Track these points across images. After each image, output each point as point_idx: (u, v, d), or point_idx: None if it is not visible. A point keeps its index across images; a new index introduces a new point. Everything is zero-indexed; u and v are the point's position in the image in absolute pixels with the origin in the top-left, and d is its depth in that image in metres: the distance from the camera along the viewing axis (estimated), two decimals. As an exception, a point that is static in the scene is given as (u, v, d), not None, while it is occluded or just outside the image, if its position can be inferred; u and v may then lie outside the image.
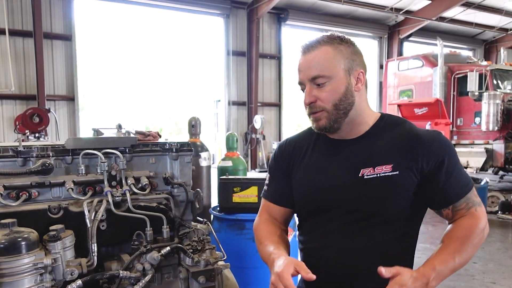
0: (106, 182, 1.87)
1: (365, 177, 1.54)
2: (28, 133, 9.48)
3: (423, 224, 6.00)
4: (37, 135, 9.53)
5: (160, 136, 2.28)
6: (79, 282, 1.57)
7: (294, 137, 1.80)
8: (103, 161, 1.86)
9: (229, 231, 3.50)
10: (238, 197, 3.54)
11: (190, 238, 2.02)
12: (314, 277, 1.35)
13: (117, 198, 1.84)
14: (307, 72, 1.54)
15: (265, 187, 1.80)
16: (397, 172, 1.50)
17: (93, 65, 11.54)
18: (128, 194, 1.86)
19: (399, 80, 12.61)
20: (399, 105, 11.06)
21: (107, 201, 1.81)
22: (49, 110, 10.11)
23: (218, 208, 3.75)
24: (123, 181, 1.91)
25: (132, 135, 2.07)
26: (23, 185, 1.76)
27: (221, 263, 2.14)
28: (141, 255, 1.77)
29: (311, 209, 1.67)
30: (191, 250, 1.91)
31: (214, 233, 2.11)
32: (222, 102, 13.33)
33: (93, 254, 1.72)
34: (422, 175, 1.51)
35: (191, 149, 2.12)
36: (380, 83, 15.47)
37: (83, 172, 1.87)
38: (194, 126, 4.60)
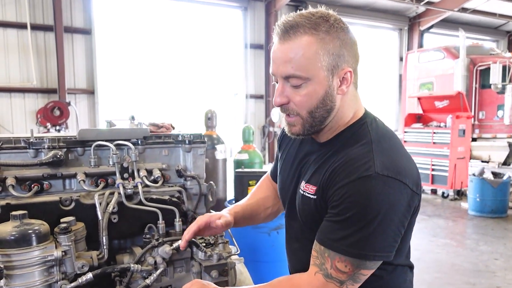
0: (118, 174, 1.85)
1: (299, 189, 1.44)
2: (50, 125, 9.64)
3: (443, 219, 5.92)
4: (57, 127, 9.69)
5: (173, 128, 2.25)
6: (90, 275, 1.55)
7: None
8: (115, 153, 1.83)
9: (244, 225, 3.48)
10: (254, 190, 3.52)
11: (203, 232, 1.99)
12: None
13: (129, 190, 1.81)
14: (281, 67, 1.29)
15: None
16: (315, 197, 1.35)
17: (113, 58, 11.59)
18: (140, 187, 1.83)
19: (419, 72, 12.40)
20: (419, 98, 10.87)
21: (119, 193, 1.79)
22: (69, 104, 10.25)
23: (234, 201, 3.73)
24: (135, 173, 1.89)
25: (144, 127, 2.05)
26: (34, 176, 1.75)
27: (235, 257, 2.11)
28: (152, 248, 1.75)
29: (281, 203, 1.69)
30: (204, 244, 1.88)
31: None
32: (240, 95, 13.30)
33: (104, 247, 1.70)
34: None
35: (204, 141, 2.08)
36: (400, 76, 15.23)
37: (95, 164, 1.85)
38: (210, 119, 4.58)
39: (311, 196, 1.36)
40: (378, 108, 15.65)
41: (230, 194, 4.34)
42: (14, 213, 1.50)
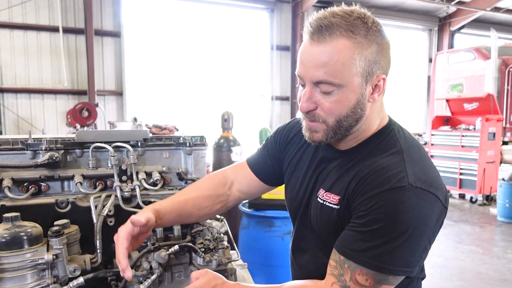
0: (116, 177, 1.83)
1: (317, 198, 1.35)
2: (78, 126, 9.86)
3: (470, 225, 5.71)
4: (85, 128, 9.90)
5: (177, 130, 2.22)
6: (81, 279, 1.52)
7: (299, 124, 1.55)
8: (112, 155, 1.81)
9: (257, 228, 3.43)
10: (267, 193, 3.45)
11: (204, 236, 1.96)
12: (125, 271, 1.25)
13: (126, 193, 1.79)
14: (312, 71, 1.18)
15: (253, 153, 1.69)
16: (339, 207, 1.27)
17: (141, 60, 11.74)
18: (137, 189, 1.81)
19: (449, 73, 12.07)
20: (447, 100, 10.58)
21: (116, 196, 1.77)
22: (97, 105, 10.44)
23: (247, 204, 3.68)
24: (134, 176, 1.87)
25: (144, 129, 2.02)
26: (32, 178, 1.74)
27: (239, 262, 2.07)
28: (149, 253, 1.72)
29: (289, 212, 1.58)
30: (203, 249, 1.84)
31: (229, 232, 2.03)
32: (265, 97, 13.26)
33: (98, 251, 1.68)
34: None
35: (205, 143, 2.04)
36: (429, 77, 14.87)
37: (94, 166, 1.84)
38: (226, 120, 4.55)
39: (334, 206, 1.28)
40: (405, 110, 15.37)
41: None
42: (6, 215, 1.50)
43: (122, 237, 1.27)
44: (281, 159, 1.59)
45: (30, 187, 1.73)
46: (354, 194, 1.22)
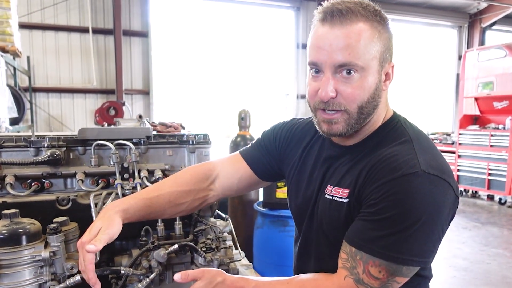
0: (117, 175, 1.83)
1: (324, 195, 1.31)
2: (106, 124, 10.05)
3: (497, 227, 5.51)
4: (112, 126, 10.07)
5: (183, 128, 2.21)
6: (78, 277, 1.51)
7: (301, 124, 1.56)
8: (114, 153, 1.81)
9: (271, 227, 3.39)
10: (282, 193, 3.41)
11: (206, 235, 1.94)
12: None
13: (127, 191, 1.78)
14: (334, 54, 1.15)
15: (247, 146, 1.64)
16: (349, 200, 1.23)
17: (167, 60, 11.86)
18: (139, 188, 1.80)
19: (478, 71, 11.68)
20: (476, 99, 10.29)
21: (117, 194, 1.77)
22: (123, 104, 10.61)
23: (262, 204, 3.65)
24: (136, 174, 1.86)
25: (147, 126, 2.01)
26: (34, 175, 1.76)
27: (244, 262, 2.04)
28: (148, 251, 1.71)
29: (295, 217, 1.55)
30: (205, 249, 1.82)
31: (233, 231, 2.00)
32: (291, 95, 13.18)
33: (97, 248, 1.67)
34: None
35: (209, 141, 2.02)
36: (458, 75, 14.47)
37: (96, 164, 1.84)
38: (243, 119, 4.53)
39: (344, 200, 1.25)
40: (433, 109, 15.07)
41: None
42: (5, 211, 1.51)
43: (88, 264, 1.23)
44: (278, 157, 1.56)
45: (32, 184, 1.75)
46: (364, 184, 1.18)
